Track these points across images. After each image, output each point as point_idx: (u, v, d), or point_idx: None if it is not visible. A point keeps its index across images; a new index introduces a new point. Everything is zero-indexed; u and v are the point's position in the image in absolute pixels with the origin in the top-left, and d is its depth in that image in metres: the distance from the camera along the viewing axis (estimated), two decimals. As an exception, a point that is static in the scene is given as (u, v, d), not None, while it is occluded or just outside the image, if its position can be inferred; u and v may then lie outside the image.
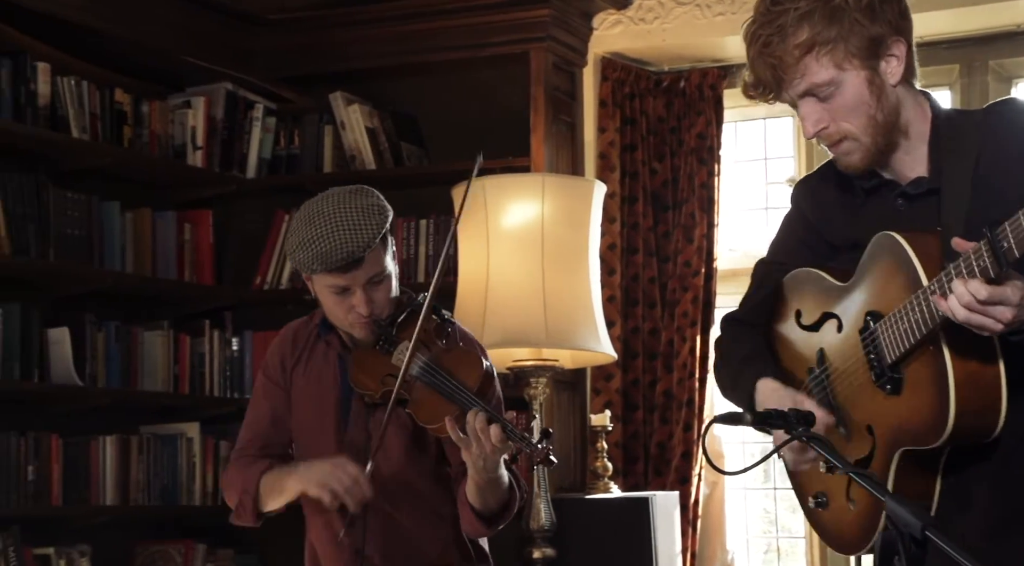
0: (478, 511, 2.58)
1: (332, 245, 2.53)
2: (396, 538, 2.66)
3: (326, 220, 2.55)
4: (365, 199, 2.59)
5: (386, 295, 2.62)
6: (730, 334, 2.38)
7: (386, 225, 2.58)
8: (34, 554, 3.92)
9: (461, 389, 2.52)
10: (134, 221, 4.38)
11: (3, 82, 3.91)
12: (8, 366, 3.90)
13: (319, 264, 2.54)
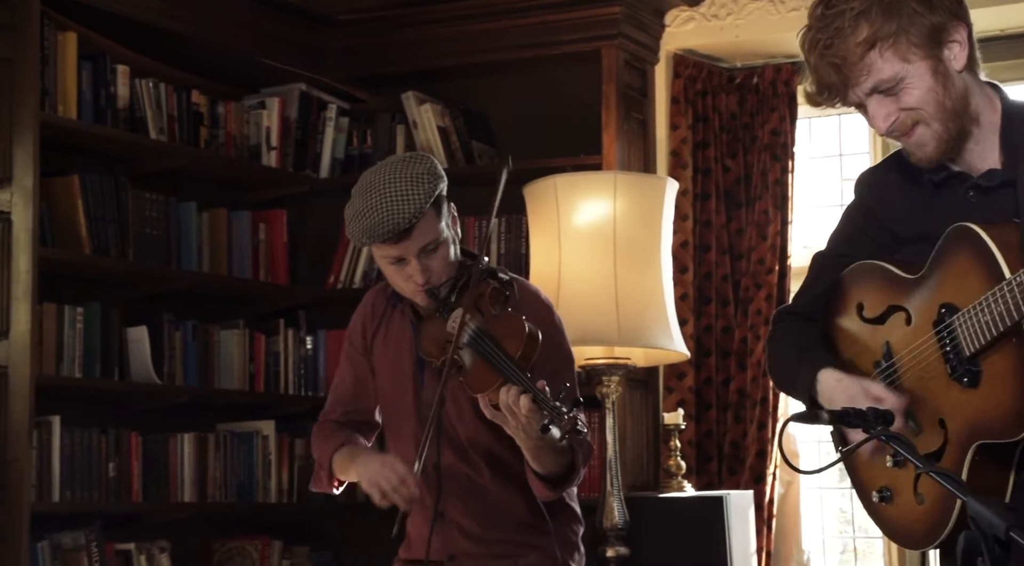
0: (539, 474, 2.58)
1: (380, 217, 2.54)
2: (478, 499, 2.68)
3: (376, 192, 2.57)
4: (416, 167, 2.59)
5: (442, 262, 2.62)
6: (784, 327, 2.35)
7: (436, 192, 2.58)
8: (116, 550, 3.98)
9: (503, 358, 2.51)
10: (210, 221, 4.44)
11: (84, 85, 3.99)
12: (89, 365, 3.97)
13: (367, 236, 2.57)
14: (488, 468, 2.68)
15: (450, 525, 2.69)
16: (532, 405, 2.40)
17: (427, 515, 2.70)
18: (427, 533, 2.68)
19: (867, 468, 2.24)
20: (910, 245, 2.19)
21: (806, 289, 2.37)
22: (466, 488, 2.68)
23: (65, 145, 4.01)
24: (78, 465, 3.90)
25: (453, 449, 2.67)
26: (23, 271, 3.74)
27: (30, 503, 3.69)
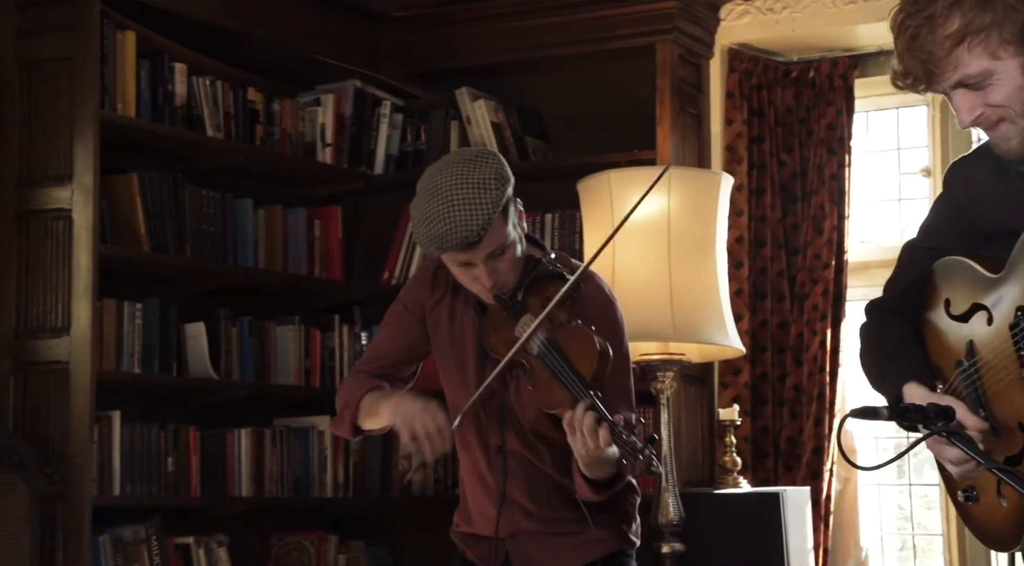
0: (588, 479, 2.58)
1: (448, 227, 2.50)
2: (539, 480, 2.68)
3: (443, 197, 2.52)
4: (483, 169, 2.54)
5: (510, 264, 2.61)
6: (876, 324, 2.32)
7: (503, 198, 2.54)
8: (175, 543, 4.02)
9: (576, 379, 2.49)
10: (266, 218, 4.47)
11: (142, 83, 4.02)
12: (148, 360, 4.01)
13: (434, 246, 2.54)
14: (549, 453, 2.69)
15: (512, 505, 2.69)
16: (608, 438, 2.39)
17: (492, 496, 2.70)
18: (493, 514, 2.69)
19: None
20: (998, 240, 2.15)
21: (895, 281, 2.34)
22: (527, 470, 2.69)
23: (124, 143, 4.05)
24: (138, 460, 3.94)
25: (515, 434, 2.68)
26: (84, 268, 3.78)
27: (92, 497, 3.73)
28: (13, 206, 3.85)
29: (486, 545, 2.72)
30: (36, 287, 3.82)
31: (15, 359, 3.81)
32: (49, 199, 3.83)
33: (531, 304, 2.60)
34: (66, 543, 3.68)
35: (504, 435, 2.66)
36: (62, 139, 3.81)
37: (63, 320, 3.79)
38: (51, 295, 3.82)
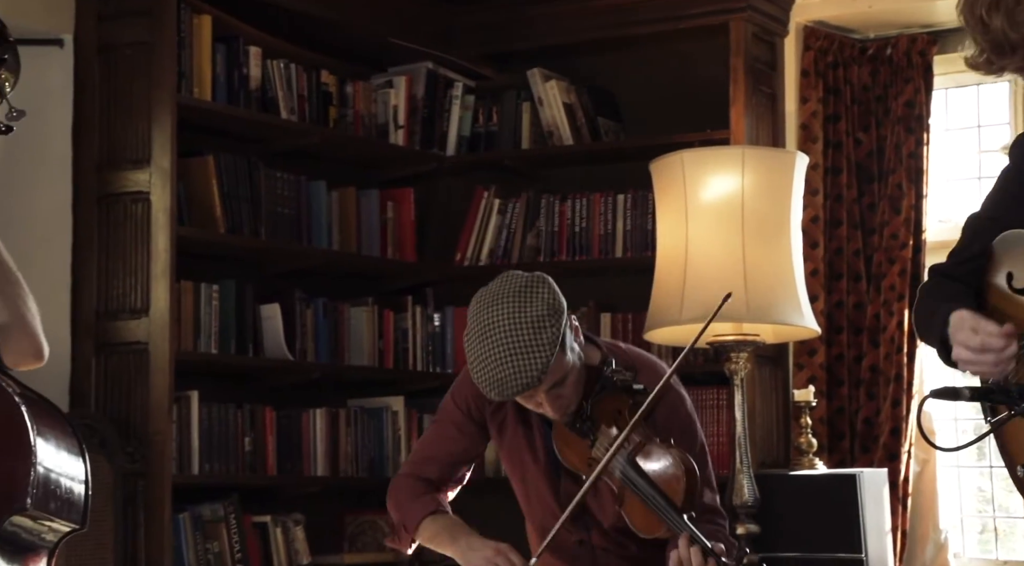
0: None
1: (507, 373, 2.45)
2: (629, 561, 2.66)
3: (498, 341, 2.45)
4: (535, 305, 2.47)
5: (573, 389, 2.55)
6: (934, 283, 2.31)
7: (560, 333, 2.47)
8: (253, 522, 4.08)
9: (668, 507, 2.44)
10: (340, 200, 4.50)
11: (218, 67, 4.06)
12: (225, 341, 4.06)
13: (496, 393, 2.49)
14: (634, 543, 2.65)
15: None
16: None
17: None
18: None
19: (1014, 441, 2.18)
20: None
21: (959, 251, 2.32)
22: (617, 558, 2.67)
23: (200, 126, 4.09)
24: (216, 439, 4.00)
25: (598, 531, 2.65)
26: (162, 250, 3.84)
27: (171, 476, 3.79)
28: (94, 190, 3.91)
29: None
30: (116, 269, 3.89)
31: (96, 340, 3.88)
32: (128, 182, 3.89)
33: (601, 420, 2.54)
34: (147, 521, 3.74)
35: (588, 533, 2.64)
36: (140, 123, 3.87)
37: (142, 301, 3.85)
38: (130, 277, 3.88)
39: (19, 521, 2.34)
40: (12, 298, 2.47)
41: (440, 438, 2.78)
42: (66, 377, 3.87)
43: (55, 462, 2.41)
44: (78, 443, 2.48)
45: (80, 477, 2.45)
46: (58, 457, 2.42)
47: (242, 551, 3.99)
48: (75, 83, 3.92)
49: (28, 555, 2.40)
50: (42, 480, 2.35)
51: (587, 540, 2.65)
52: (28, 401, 2.42)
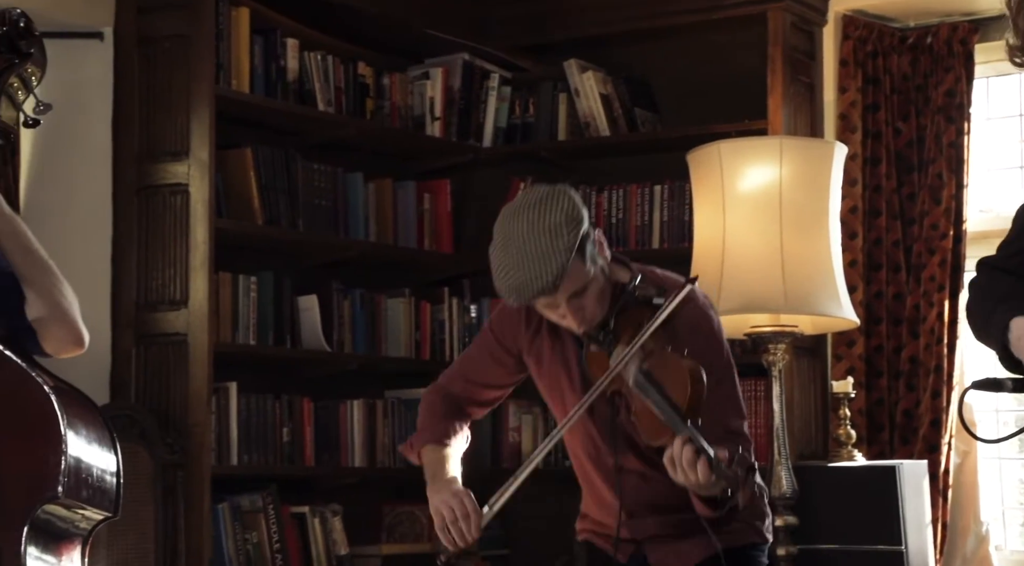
0: (701, 497, 2.53)
1: (524, 278, 2.50)
2: (660, 491, 2.66)
3: (516, 248, 2.51)
4: (554, 213, 2.51)
5: (594, 300, 2.58)
6: (986, 278, 2.28)
7: (577, 240, 2.51)
8: (291, 512, 4.10)
9: (672, 410, 2.44)
10: (376, 191, 4.51)
11: (256, 59, 4.08)
12: (263, 332, 4.08)
13: (514, 297, 2.53)
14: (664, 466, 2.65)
15: (637, 518, 2.70)
16: (708, 473, 2.35)
17: (615, 516, 2.70)
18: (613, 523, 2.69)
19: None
20: None
21: (1009, 242, 2.29)
22: (648, 485, 2.68)
23: (238, 118, 4.11)
24: (254, 430, 4.02)
25: (633, 454, 2.66)
26: (200, 242, 3.86)
27: (210, 466, 3.82)
28: (133, 182, 3.94)
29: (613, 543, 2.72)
30: (155, 261, 3.91)
31: (136, 331, 3.90)
32: (167, 174, 3.91)
33: (622, 334, 2.56)
34: (187, 511, 3.77)
35: (619, 457, 2.66)
36: (179, 115, 3.89)
37: (181, 293, 3.87)
38: (169, 268, 3.90)
39: (52, 509, 2.37)
40: (47, 288, 2.48)
41: (473, 361, 2.85)
42: (107, 368, 3.90)
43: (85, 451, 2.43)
44: (108, 432, 2.50)
45: (111, 466, 2.47)
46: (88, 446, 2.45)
47: (280, 542, 4.01)
48: (115, 76, 3.94)
49: (62, 542, 2.43)
50: (73, 469, 2.37)
51: (621, 467, 2.66)
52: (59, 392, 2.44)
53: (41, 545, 2.36)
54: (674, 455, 2.38)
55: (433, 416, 2.85)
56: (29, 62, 2.59)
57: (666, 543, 2.71)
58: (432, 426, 2.83)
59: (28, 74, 2.59)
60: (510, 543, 4.67)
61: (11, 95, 2.56)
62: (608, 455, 2.69)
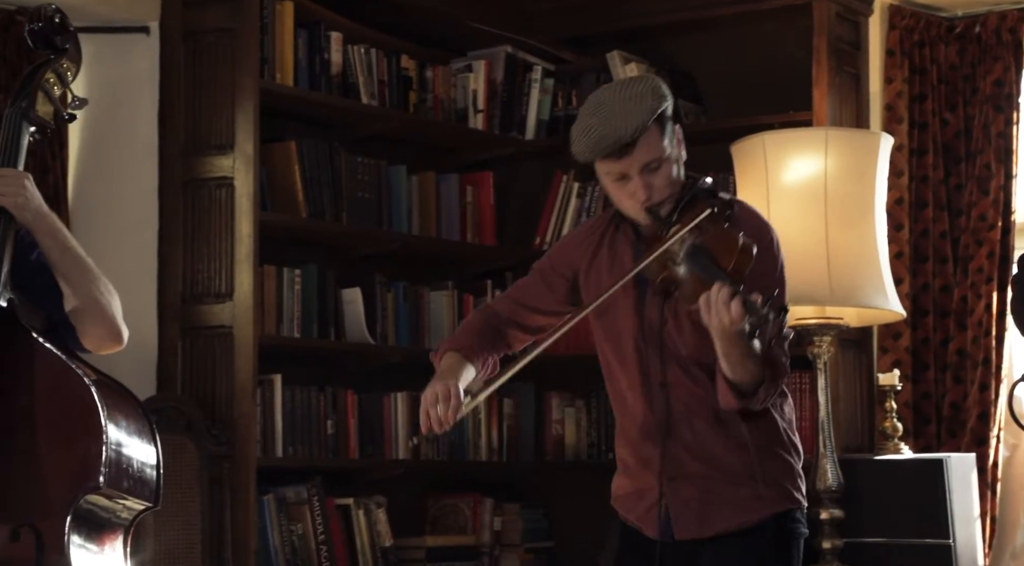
0: (730, 381, 2.55)
1: (603, 132, 2.57)
2: (701, 414, 2.66)
3: (600, 110, 2.60)
4: (639, 86, 2.62)
5: (664, 180, 2.63)
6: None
7: (660, 109, 2.60)
8: (336, 504, 4.11)
9: (716, 270, 2.50)
10: (419, 184, 4.52)
11: (300, 52, 4.09)
12: (307, 325, 4.10)
13: (591, 152, 2.60)
14: (705, 381, 2.65)
15: (675, 443, 2.66)
16: (741, 309, 2.40)
17: (654, 437, 2.67)
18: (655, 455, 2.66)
19: None
20: None
21: None
22: (689, 404, 2.66)
23: (282, 112, 4.13)
24: (299, 422, 4.04)
25: (677, 366, 2.66)
26: (245, 235, 3.88)
27: (256, 458, 3.84)
28: (179, 175, 3.96)
29: (647, 501, 2.69)
30: (201, 254, 3.94)
31: (182, 324, 3.93)
32: (212, 168, 3.93)
33: (683, 220, 2.60)
34: (233, 502, 3.79)
35: (665, 369, 2.65)
36: (224, 109, 3.91)
37: (226, 286, 3.90)
38: (215, 261, 3.93)
39: (94, 499, 2.40)
40: (84, 284, 2.51)
41: (523, 286, 2.87)
42: (153, 360, 3.93)
43: (126, 442, 2.46)
44: (148, 424, 2.53)
45: (151, 457, 2.50)
46: (129, 437, 2.47)
47: (325, 533, 4.03)
48: (161, 70, 3.97)
49: (105, 532, 2.45)
50: (114, 460, 2.40)
51: (665, 380, 2.65)
52: (99, 384, 2.46)
53: (84, 534, 2.39)
54: (710, 297, 2.44)
55: (468, 331, 2.86)
56: (65, 58, 2.62)
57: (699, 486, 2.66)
58: (464, 338, 2.84)
59: (64, 69, 2.62)
60: (554, 535, 4.67)
61: (47, 90, 2.59)
62: (654, 369, 2.66)
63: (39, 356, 2.43)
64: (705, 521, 2.66)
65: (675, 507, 2.66)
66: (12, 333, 2.44)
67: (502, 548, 4.54)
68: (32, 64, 2.61)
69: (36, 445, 2.36)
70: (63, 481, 2.37)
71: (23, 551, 2.34)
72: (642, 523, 2.72)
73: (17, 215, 2.48)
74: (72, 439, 2.38)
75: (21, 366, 2.43)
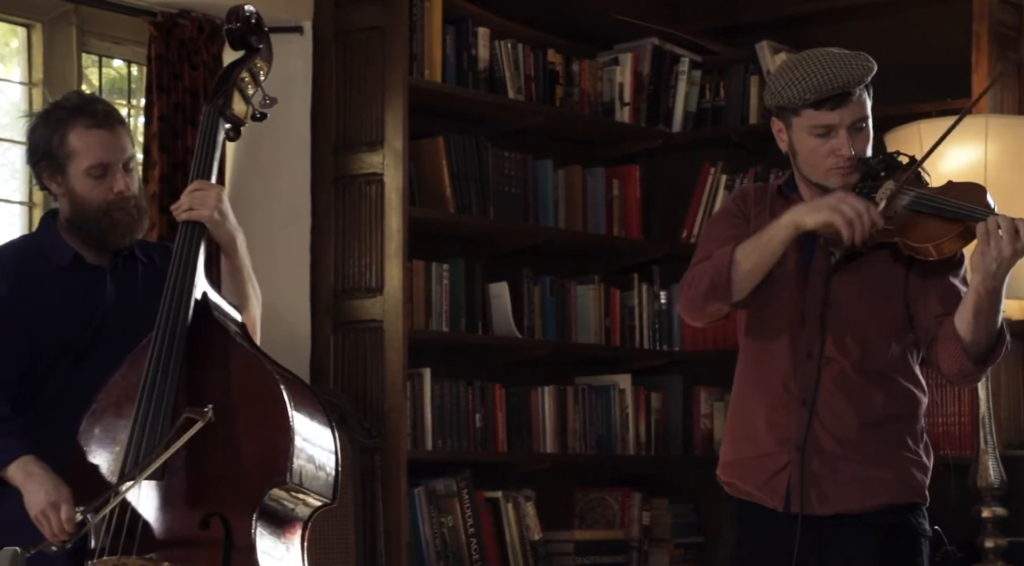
0: (966, 345, 2.50)
1: (825, 76, 2.53)
2: (846, 390, 2.60)
3: (815, 59, 2.57)
4: (851, 52, 2.61)
5: (864, 146, 2.58)
6: None
7: (874, 70, 2.58)
8: (485, 497, 4.14)
9: (967, 207, 2.46)
10: (566, 178, 4.52)
11: (448, 48, 4.13)
12: (455, 319, 4.13)
13: (811, 93, 2.53)
14: (863, 359, 2.59)
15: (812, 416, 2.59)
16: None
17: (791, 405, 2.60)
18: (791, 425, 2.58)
19: None
20: None
21: None
22: (836, 378, 2.59)
23: (430, 108, 4.16)
24: (448, 415, 4.07)
25: (833, 338, 2.59)
26: (395, 230, 3.92)
27: (406, 451, 3.88)
28: (331, 172, 4.03)
29: (769, 469, 2.60)
30: (352, 249, 4.00)
31: (334, 318, 4.00)
32: (363, 164, 3.99)
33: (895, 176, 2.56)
34: (385, 494, 3.84)
35: (819, 341, 2.58)
36: (374, 106, 3.96)
37: (376, 281, 3.95)
38: (365, 257, 3.98)
39: (278, 494, 2.45)
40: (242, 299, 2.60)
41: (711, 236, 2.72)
42: (307, 354, 4.00)
43: (310, 438, 2.50)
44: (328, 419, 2.57)
45: (331, 453, 2.54)
46: (312, 433, 2.51)
47: (475, 526, 4.06)
48: (313, 68, 4.04)
49: (286, 526, 2.50)
50: (299, 455, 2.44)
51: (820, 351, 2.57)
52: (286, 380, 2.52)
53: (268, 528, 2.45)
54: (988, 228, 2.41)
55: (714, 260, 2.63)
56: (258, 57, 2.69)
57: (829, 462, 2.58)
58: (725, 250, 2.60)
59: (257, 68, 2.70)
60: (703, 531, 4.63)
61: (242, 89, 2.67)
62: (811, 338, 2.59)
63: (232, 350, 2.50)
64: (825, 498, 2.58)
65: (799, 478, 2.58)
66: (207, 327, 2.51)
67: (651, 543, 4.52)
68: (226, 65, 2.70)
69: (229, 438, 2.42)
70: (253, 474, 2.42)
71: (212, 539, 2.40)
72: (760, 491, 2.63)
73: (212, 230, 2.56)
74: (262, 433, 2.43)
75: (216, 360, 2.50)
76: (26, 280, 2.62)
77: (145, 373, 2.47)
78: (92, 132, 2.62)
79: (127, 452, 2.45)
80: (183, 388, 2.47)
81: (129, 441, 2.45)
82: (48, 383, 2.60)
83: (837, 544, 2.59)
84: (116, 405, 2.52)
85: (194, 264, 2.52)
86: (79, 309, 2.62)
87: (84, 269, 2.66)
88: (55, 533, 2.43)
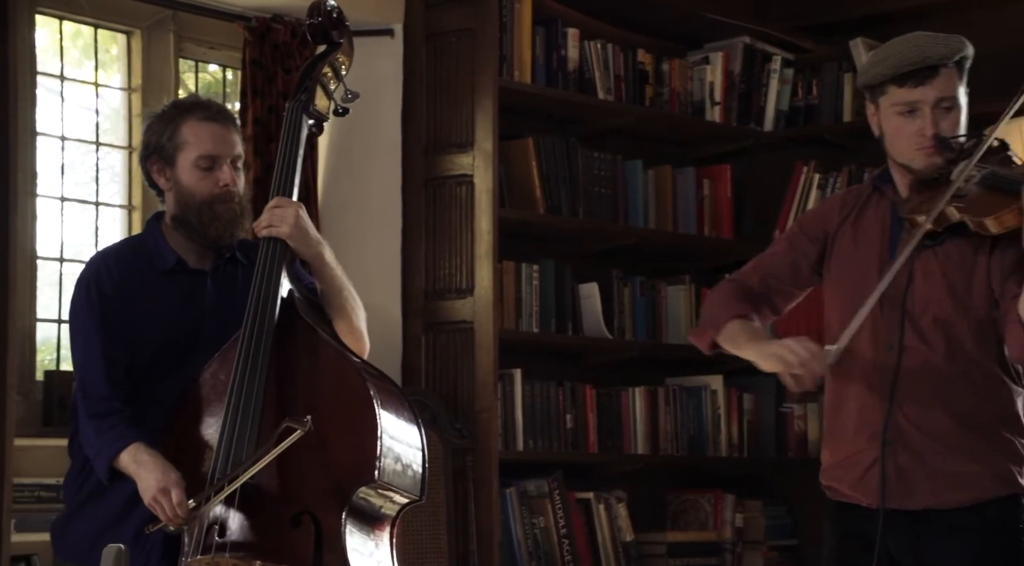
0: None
1: (910, 54, 2.54)
2: (929, 380, 2.55)
3: (904, 39, 2.59)
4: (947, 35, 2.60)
5: (952, 125, 2.56)
6: None
7: (965, 52, 2.57)
8: (576, 498, 4.13)
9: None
10: (656, 178, 4.50)
11: (537, 49, 4.13)
12: (545, 320, 4.13)
13: (892, 67, 2.54)
14: (945, 349, 2.55)
15: (897, 407, 2.56)
16: None
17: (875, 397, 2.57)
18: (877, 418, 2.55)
19: None
20: None
21: None
22: (920, 370, 2.55)
23: (520, 109, 4.17)
24: (538, 416, 4.07)
25: (913, 328, 2.56)
26: (485, 231, 3.93)
27: (498, 451, 3.89)
28: (421, 173, 4.05)
29: (860, 467, 2.57)
30: (442, 250, 4.01)
31: (425, 319, 4.02)
32: (453, 165, 4.00)
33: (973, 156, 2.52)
34: (477, 494, 3.85)
35: (901, 331, 2.55)
36: (464, 107, 3.98)
37: (467, 281, 3.96)
38: (455, 257, 4.00)
39: (366, 492, 2.46)
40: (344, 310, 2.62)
41: (771, 254, 2.79)
42: (398, 355, 4.03)
43: (397, 435, 2.51)
44: (415, 417, 2.57)
45: (418, 450, 2.55)
46: (399, 431, 2.52)
47: (567, 526, 4.05)
48: (404, 70, 4.07)
49: (375, 524, 2.52)
50: (387, 453, 2.45)
51: (900, 343, 2.54)
52: (372, 377, 2.53)
53: (357, 526, 2.46)
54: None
55: (730, 298, 2.73)
56: (340, 51, 2.71)
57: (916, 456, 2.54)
58: (733, 306, 2.70)
59: (339, 63, 2.71)
60: (797, 533, 4.58)
61: (324, 84, 2.69)
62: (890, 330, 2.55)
63: (320, 348, 2.53)
64: (910, 493, 2.54)
65: (889, 472, 2.54)
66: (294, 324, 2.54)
67: (744, 545, 4.48)
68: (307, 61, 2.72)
69: (318, 435, 2.42)
70: (341, 472, 2.44)
71: (302, 537, 2.42)
72: (855, 491, 2.60)
73: (294, 246, 2.59)
74: (350, 431, 2.45)
75: (303, 357, 2.52)
76: (130, 283, 2.66)
77: (234, 372, 2.50)
78: (204, 124, 2.65)
79: (218, 449, 2.48)
80: (272, 386, 2.49)
81: (220, 438, 2.48)
82: (146, 382, 2.65)
83: (935, 545, 2.55)
84: (206, 402, 2.56)
85: (277, 271, 2.55)
86: (180, 313, 2.65)
87: (186, 273, 2.70)
88: (170, 518, 2.47)
